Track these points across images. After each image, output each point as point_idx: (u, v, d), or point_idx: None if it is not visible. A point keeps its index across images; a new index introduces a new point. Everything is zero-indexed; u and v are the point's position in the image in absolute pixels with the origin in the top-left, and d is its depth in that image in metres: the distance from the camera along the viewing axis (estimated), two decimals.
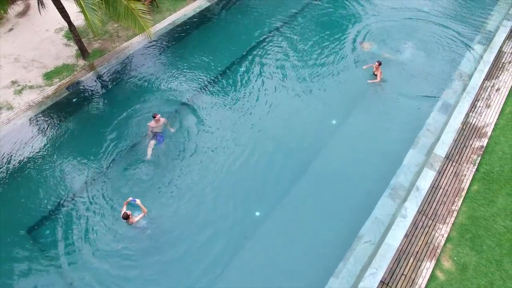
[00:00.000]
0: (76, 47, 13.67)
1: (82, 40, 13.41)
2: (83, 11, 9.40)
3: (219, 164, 10.11)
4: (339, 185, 9.59)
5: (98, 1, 9.53)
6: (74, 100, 11.94)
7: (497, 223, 8.67)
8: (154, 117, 10.29)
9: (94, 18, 9.29)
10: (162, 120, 10.54)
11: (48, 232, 8.96)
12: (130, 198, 8.79)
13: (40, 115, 11.50)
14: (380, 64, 11.87)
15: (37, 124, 11.34)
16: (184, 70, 13.03)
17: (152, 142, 10.36)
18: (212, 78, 12.66)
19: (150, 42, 13.79)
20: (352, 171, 9.88)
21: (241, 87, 12.36)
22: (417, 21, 14.68)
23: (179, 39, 14.35)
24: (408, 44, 13.58)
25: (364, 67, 12.54)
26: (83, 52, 13.40)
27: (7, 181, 9.98)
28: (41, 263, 8.50)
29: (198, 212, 9.23)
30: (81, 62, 13.39)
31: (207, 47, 13.91)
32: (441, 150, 9.91)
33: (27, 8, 15.71)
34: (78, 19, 14.33)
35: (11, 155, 10.54)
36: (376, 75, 12.04)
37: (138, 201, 8.67)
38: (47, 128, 11.25)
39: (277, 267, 8.26)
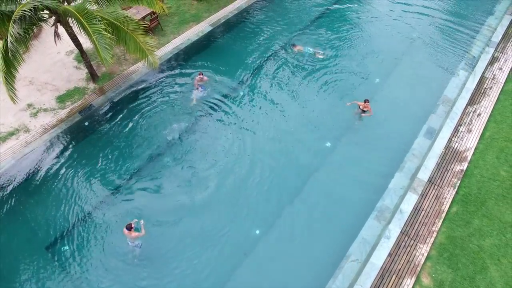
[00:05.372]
0: (86, 70, 14.58)
1: (92, 63, 14.32)
2: (96, 50, 10.27)
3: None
4: (330, 207, 10.53)
5: (109, 39, 10.37)
6: (86, 123, 12.87)
7: (472, 242, 9.59)
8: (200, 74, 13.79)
9: (106, 56, 10.15)
10: (205, 78, 13.87)
11: (64, 247, 9.93)
12: (135, 220, 9.62)
13: (56, 138, 12.39)
14: (367, 101, 12.19)
15: (52, 147, 12.24)
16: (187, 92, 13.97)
17: (196, 92, 13.57)
18: (216, 101, 13.63)
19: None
20: (342, 194, 10.81)
21: (248, 107, 13.47)
22: (405, 45, 15.59)
23: (183, 63, 15.26)
24: (397, 68, 14.48)
25: (348, 103, 12.70)
26: (93, 75, 14.30)
27: (26, 200, 10.91)
28: (56, 274, 9.47)
29: None
30: (92, 86, 14.29)
31: (210, 71, 14.82)
32: (424, 174, 10.83)
33: (39, 32, 16.57)
34: (87, 42, 15.18)
35: (30, 176, 11.46)
36: (365, 111, 12.37)
37: (142, 222, 9.50)
38: (62, 151, 12.15)
39: (274, 282, 9.21)
